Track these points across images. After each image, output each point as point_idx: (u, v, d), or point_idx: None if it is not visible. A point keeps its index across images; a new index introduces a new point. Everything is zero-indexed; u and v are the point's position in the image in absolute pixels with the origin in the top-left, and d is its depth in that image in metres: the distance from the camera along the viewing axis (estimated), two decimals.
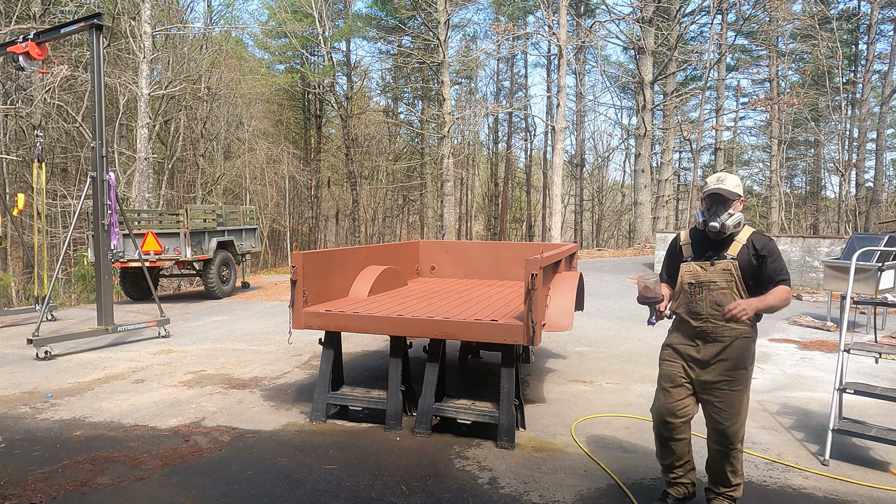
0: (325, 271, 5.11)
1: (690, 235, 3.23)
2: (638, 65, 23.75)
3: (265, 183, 27.68)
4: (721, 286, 3.02)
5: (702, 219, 3.04)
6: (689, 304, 3.11)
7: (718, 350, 3.04)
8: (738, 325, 3.02)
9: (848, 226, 24.86)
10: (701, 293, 3.06)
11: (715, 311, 3.03)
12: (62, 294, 16.43)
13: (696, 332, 3.10)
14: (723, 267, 3.03)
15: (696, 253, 3.15)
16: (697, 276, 3.08)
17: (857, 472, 3.84)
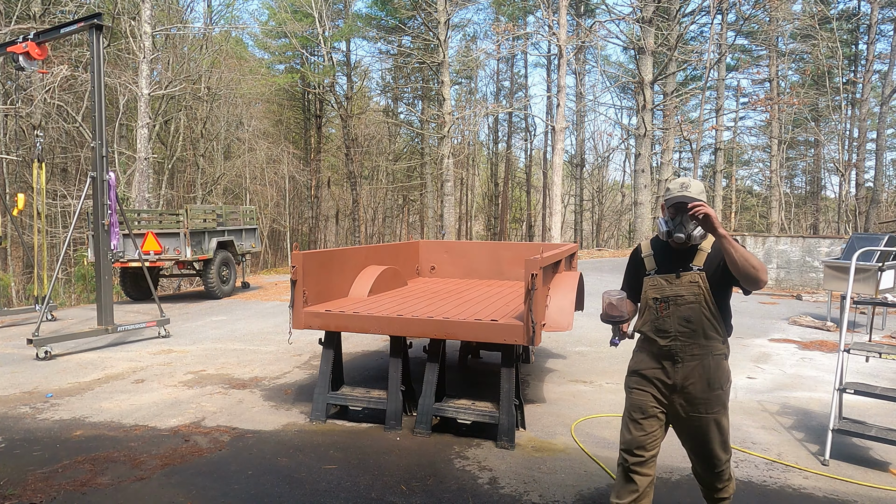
0: (325, 271, 5.11)
1: (652, 246, 2.94)
2: (638, 65, 23.75)
3: (265, 183, 27.69)
4: (689, 300, 2.74)
5: (665, 229, 2.76)
6: (655, 321, 2.82)
7: (689, 371, 2.75)
8: (708, 342, 2.75)
9: (848, 226, 24.86)
10: (667, 309, 2.78)
11: (684, 328, 2.75)
12: (62, 294, 16.43)
13: (664, 351, 2.80)
14: (689, 279, 2.75)
15: (660, 265, 2.86)
16: (662, 290, 2.80)
17: (857, 472, 3.84)
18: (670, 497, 3.50)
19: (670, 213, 2.79)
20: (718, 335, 2.77)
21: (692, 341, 2.75)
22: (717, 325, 2.75)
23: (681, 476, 3.78)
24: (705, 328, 2.73)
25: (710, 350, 2.75)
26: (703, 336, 2.74)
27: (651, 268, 2.89)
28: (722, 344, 2.80)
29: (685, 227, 2.73)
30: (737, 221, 31.55)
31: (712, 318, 2.73)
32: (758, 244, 14.44)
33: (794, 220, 32.11)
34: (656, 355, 2.84)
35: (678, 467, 3.90)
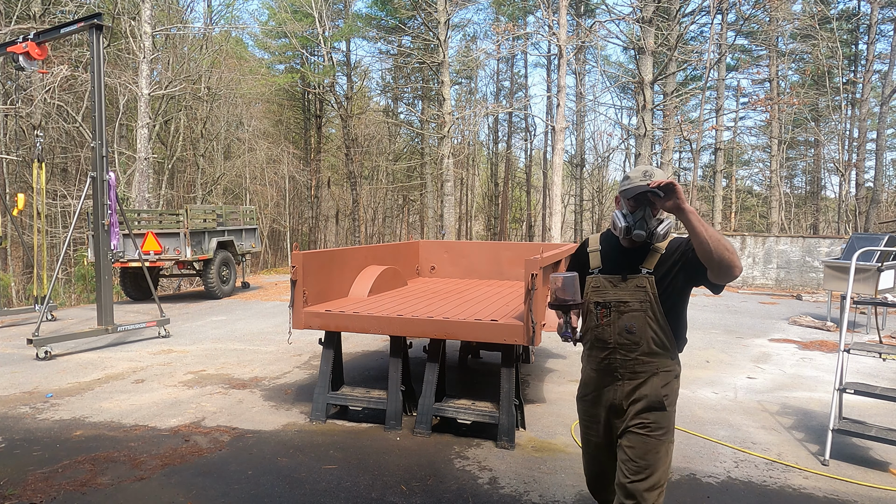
0: (325, 271, 5.11)
1: (601, 241, 2.56)
2: (638, 65, 23.74)
3: (265, 183, 27.68)
4: (633, 307, 2.35)
5: (624, 224, 2.35)
6: (595, 328, 2.46)
7: (632, 389, 2.41)
8: (653, 358, 2.38)
9: (848, 226, 24.86)
10: (608, 316, 2.41)
11: (625, 340, 2.38)
12: (62, 294, 16.43)
13: (603, 366, 2.47)
14: (636, 283, 2.36)
15: (606, 264, 2.48)
16: (605, 293, 2.43)
17: (857, 472, 3.84)
18: (670, 497, 3.50)
19: (630, 205, 2.38)
20: (666, 350, 2.39)
21: (634, 356, 2.39)
22: (664, 338, 2.37)
23: (681, 476, 3.78)
24: (650, 341, 2.36)
25: (656, 367, 2.39)
26: (648, 350, 2.37)
27: (595, 266, 2.51)
28: (671, 360, 2.42)
29: (647, 223, 2.33)
30: (737, 221, 31.55)
31: (659, 329, 2.36)
32: (758, 244, 14.44)
33: (794, 220, 32.10)
34: (596, 370, 2.51)
35: (678, 467, 3.90)
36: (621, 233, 2.36)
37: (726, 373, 6.31)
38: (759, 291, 13.09)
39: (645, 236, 2.32)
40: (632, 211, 2.36)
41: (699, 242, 2.10)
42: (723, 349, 7.42)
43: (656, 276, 2.35)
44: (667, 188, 2.12)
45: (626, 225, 2.35)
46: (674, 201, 2.13)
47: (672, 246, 2.38)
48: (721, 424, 4.73)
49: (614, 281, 2.42)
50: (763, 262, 14.23)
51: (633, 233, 2.33)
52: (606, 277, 2.44)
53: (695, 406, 5.19)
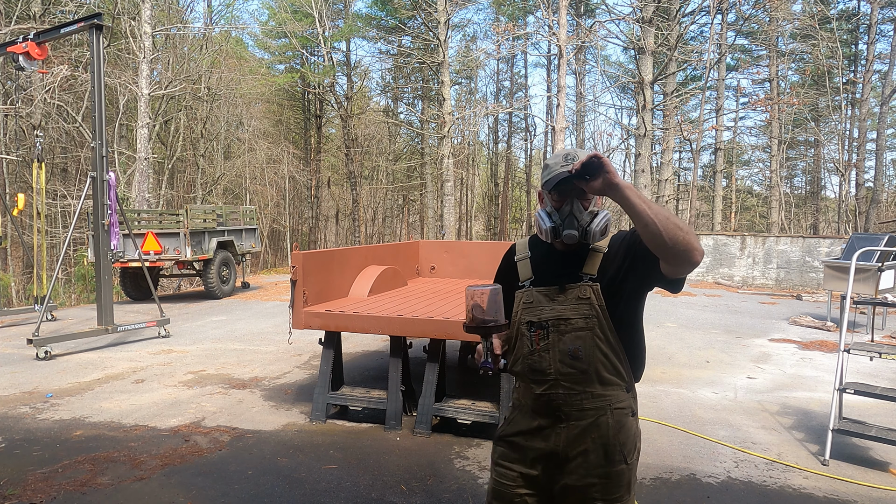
0: (325, 271, 5.11)
1: (530, 246, 2.05)
2: (638, 65, 23.74)
3: (265, 183, 27.69)
4: (576, 326, 1.84)
5: (549, 224, 1.85)
6: (530, 356, 1.91)
7: (578, 434, 1.85)
8: (605, 390, 1.85)
9: (848, 226, 24.86)
10: (546, 339, 1.88)
11: (569, 369, 1.85)
12: (62, 294, 16.43)
13: (541, 403, 1.89)
14: (578, 294, 1.86)
15: (539, 273, 1.96)
16: (539, 310, 1.89)
17: (857, 472, 3.84)
18: (671, 497, 3.50)
19: (554, 200, 1.88)
20: (620, 379, 1.87)
21: (581, 388, 1.85)
22: (617, 363, 1.85)
23: (681, 476, 3.78)
24: (600, 368, 1.84)
25: (608, 402, 1.85)
26: (598, 380, 1.84)
27: (526, 277, 1.97)
28: (626, 392, 1.89)
29: (577, 219, 1.84)
30: (737, 221, 31.55)
31: (610, 352, 1.84)
32: (758, 244, 14.44)
33: (794, 220, 32.10)
34: (531, 410, 1.93)
35: (678, 467, 3.90)
36: (547, 236, 1.86)
37: (726, 373, 6.32)
38: (759, 291, 13.09)
39: (578, 236, 1.83)
40: (557, 207, 1.87)
41: (644, 224, 1.61)
42: (723, 349, 7.42)
43: (602, 283, 1.85)
44: (590, 164, 1.63)
45: (551, 226, 1.85)
46: (603, 178, 1.63)
47: (615, 242, 1.92)
48: (721, 424, 4.73)
49: (550, 294, 1.90)
50: (763, 262, 14.23)
51: (562, 234, 1.84)
52: (541, 290, 1.91)
53: (695, 406, 5.19)
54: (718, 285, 13.94)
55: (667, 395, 5.48)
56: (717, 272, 14.77)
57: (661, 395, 5.50)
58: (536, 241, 2.04)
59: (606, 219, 1.86)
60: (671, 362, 6.74)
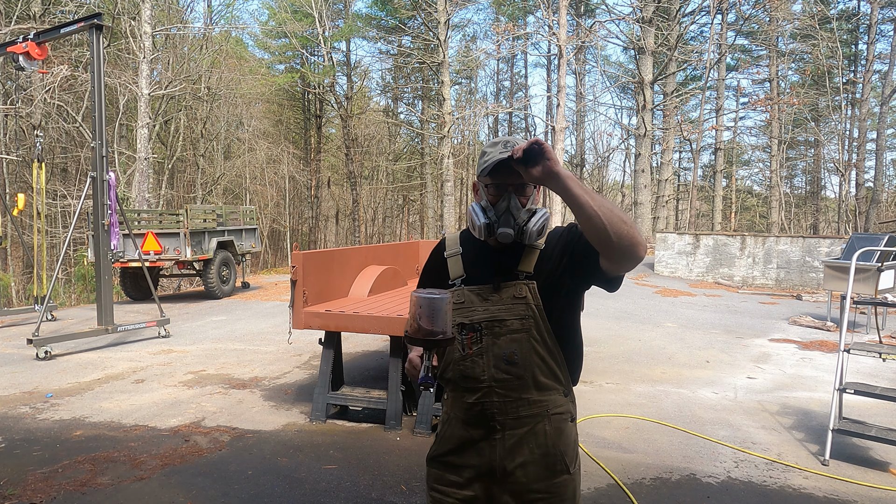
0: (325, 271, 5.11)
1: (462, 241, 1.89)
2: (638, 65, 23.75)
3: (265, 183, 27.69)
4: (512, 328, 1.72)
5: (483, 221, 1.71)
6: (461, 362, 1.78)
7: (515, 445, 1.73)
8: (542, 395, 1.73)
9: (848, 226, 24.87)
10: (478, 342, 1.74)
11: (504, 375, 1.72)
12: (62, 294, 16.43)
13: (474, 414, 1.76)
14: (513, 294, 1.72)
15: (471, 271, 1.82)
16: (471, 311, 1.76)
17: (857, 472, 3.84)
18: (671, 497, 3.50)
19: (490, 194, 1.73)
20: (558, 383, 1.75)
21: (517, 395, 1.72)
22: (555, 365, 1.73)
23: (681, 476, 3.78)
24: (537, 373, 1.71)
25: (545, 408, 1.73)
26: (534, 385, 1.72)
27: (457, 275, 1.82)
28: (564, 396, 1.77)
29: (514, 216, 1.70)
30: (737, 221, 31.56)
31: (548, 355, 1.72)
32: (758, 244, 14.44)
33: (794, 220, 32.11)
34: (462, 421, 1.79)
35: (678, 467, 3.90)
36: (481, 233, 1.73)
37: (726, 373, 6.32)
38: (759, 291, 13.09)
39: (514, 235, 1.70)
40: (493, 202, 1.72)
41: (587, 217, 1.49)
42: (723, 349, 7.42)
43: (538, 281, 1.72)
44: (531, 151, 1.48)
45: (486, 222, 1.71)
46: (543, 166, 1.48)
47: (553, 238, 1.78)
48: (721, 424, 4.73)
49: (484, 293, 1.75)
50: (763, 262, 14.24)
51: (496, 232, 1.70)
52: (473, 290, 1.77)
53: (695, 406, 5.19)
54: (718, 285, 13.95)
55: (667, 395, 5.48)
56: (717, 272, 14.78)
57: (661, 395, 5.50)
58: (468, 236, 1.88)
59: (545, 218, 1.73)
60: (671, 362, 6.75)
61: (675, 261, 15.39)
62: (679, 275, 15.23)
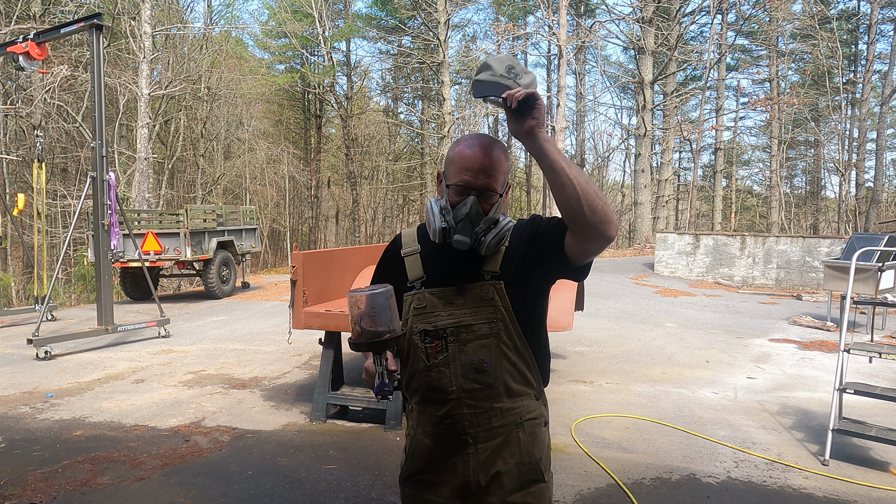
0: (325, 271, 5.11)
1: (420, 237, 1.74)
2: (638, 65, 23.76)
3: (265, 183, 27.70)
4: (479, 333, 1.60)
5: (440, 225, 1.59)
6: (427, 373, 1.66)
7: (489, 456, 1.62)
8: (514, 402, 1.62)
9: (848, 226, 24.87)
10: (444, 351, 1.62)
11: (474, 384, 1.60)
12: (62, 294, 16.43)
13: (443, 428, 1.65)
14: (480, 295, 1.61)
15: (431, 271, 1.67)
16: (435, 316, 1.63)
17: (857, 472, 3.84)
18: (671, 497, 3.50)
19: (451, 194, 1.60)
20: (530, 387, 1.65)
21: (488, 405, 1.61)
22: (526, 369, 1.63)
23: (681, 476, 3.78)
24: (508, 379, 1.61)
25: (518, 415, 1.63)
26: (506, 392, 1.61)
27: (416, 276, 1.68)
28: (535, 400, 1.67)
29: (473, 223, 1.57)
30: (737, 221, 31.56)
31: (519, 360, 1.62)
32: (758, 244, 14.45)
33: (794, 220, 32.11)
34: (433, 436, 1.68)
35: (678, 467, 3.90)
36: (436, 235, 1.60)
37: (726, 373, 6.32)
38: (759, 291, 13.10)
39: (469, 244, 1.57)
40: (453, 203, 1.59)
41: (561, 186, 1.41)
42: (723, 349, 7.42)
43: (505, 280, 1.60)
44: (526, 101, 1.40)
45: (441, 226, 1.58)
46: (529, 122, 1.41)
47: (516, 233, 1.65)
48: (721, 424, 4.73)
49: (447, 296, 1.62)
50: (763, 262, 14.24)
51: (452, 238, 1.58)
52: (434, 292, 1.63)
53: (695, 406, 5.19)
54: (718, 285, 13.95)
55: (667, 395, 5.48)
56: (717, 272, 14.78)
57: (661, 395, 5.50)
58: (426, 235, 1.71)
59: (506, 229, 1.61)
60: (671, 362, 6.75)
61: (675, 261, 15.39)
62: (679, 275, 15.23)
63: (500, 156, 1.58)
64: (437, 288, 1.64)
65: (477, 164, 1.56)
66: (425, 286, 1.65)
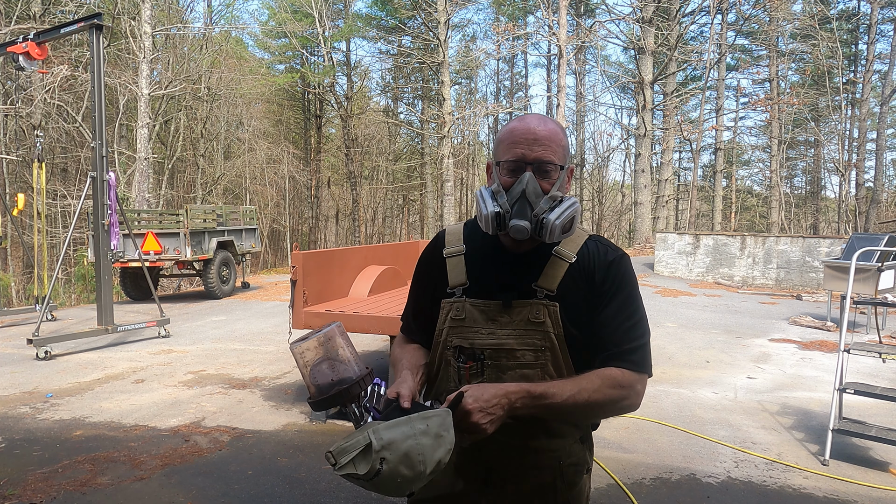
0: (325, 271, 5.11)
1: (466, 237, 1.49)
2: (638, 65, 23.75)
3: (265, 183, 27.70)
4: (524, 362, 1.36)
5: (492, 209, 1.33)
6: None
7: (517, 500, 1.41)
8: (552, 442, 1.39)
9: (848, 226, 24.87)
10: (480, 373, 1.39)
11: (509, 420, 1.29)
12: (62, 294, 16.43)
13: (467, 461, 1.41)
14: (528, 316, 1.36)
15: (475, 278, 1.43)
16: (474, 332, 1.39)
17: (857, 472, 3.84)
18: (671, 497, 3.50)
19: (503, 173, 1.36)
20: (576, 428, 1.43)
21: (521, 442, 1.38)
22: None
23: (681, 476, 3.78)
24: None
25: (556, 459, 1.40)
26: (544, 431, 1.37)
27: (458, 282, 1.44)
28: (580, 443, 1.44)
29: (531, 203, 1.31)
30: (737, 221, 31.56)
31: None
32: (758, 244, 14.45)
33: (794, 220, 32.11)
34: (454, 465, 1.37)
35: (678, 467, 3.90)
36: (489, 225, 1.34)
37: (726, 373, 6.32)
38: (759, 291, 13.09)
39: (530, 230, 1.31)
40: (507, 185, 1.34)
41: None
42: (723, 349, 7.42)
43: (562, 304, 1.35)
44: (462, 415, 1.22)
45: (494, 211, 1.33)
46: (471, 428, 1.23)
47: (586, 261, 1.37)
48: (721, 424, 4.73)
49: (490, 311, 1.38)
50: (763, 262, 14.24)
51: (509, 223, 1.31)
52: (477, 304, 1.40)
53: (695, 406, 5.19)
54: (718, 285, 13.95)
55: (667, 395, 5.48)
56: (717, 272, 14.78)
57: (661, 395, 5.50)
58: (475, 230, 1.46)
59: (573, 208, 1.33)
60: (671, 362, 6.75)
61: (675, 261, 15.39)
62: (679, 275, 15.23)
63: (556, 128, 1.37)
64: (479, 299, 1.39)
65: (531, 134, 1.32)
66: (466, 295, 1.41)
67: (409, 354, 1.51)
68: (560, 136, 1.36)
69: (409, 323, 1.58)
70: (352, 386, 1.23)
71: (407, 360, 1.48)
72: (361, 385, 1.25)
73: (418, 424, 1.14)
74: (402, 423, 1.14)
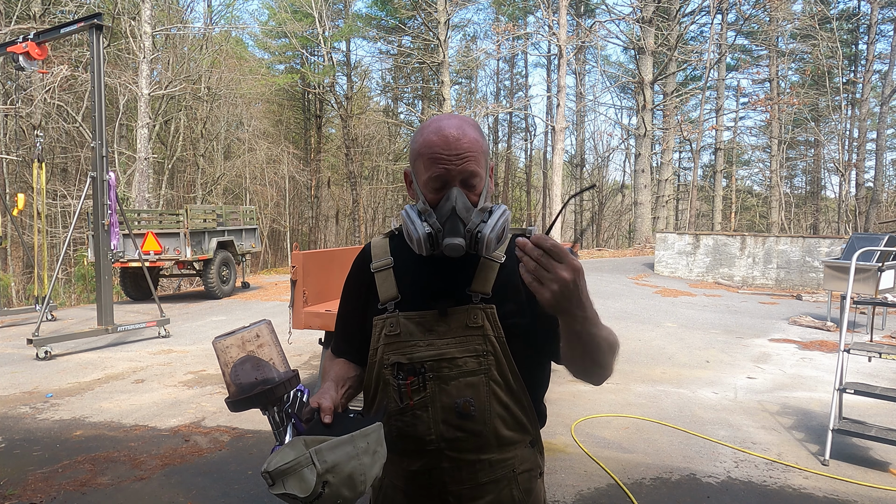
0: (325, 271, 5.11)
1: (392, 248, 1.42)
2: (638, 65, 23.76)
3: (265, 183, 27.69)
4: (466, 369, 1.28)
5: (423, 231, 1.25)
6: (401, 417, 1.33)
7: None
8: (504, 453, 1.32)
9: (848, 226, 24.87)
10: (422, 389, 1.30)
11: (458, 433, 1.29)
12: (62, 294, 16.43)
13: (419, 487, 1.34)
14: (466, 321, 1.29)
15: (407, 291, 1.35)
16: (412, 346, 1.31)
17: (857, 472, 3.84)
18: (671, 497, 3.50)
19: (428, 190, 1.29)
20: (525, 433, 1.34)
21: (474, 457, 1.30)
22: (521, 413, 1.32)
23: (681, 476, 3.78)
24: (499, 425, 1.29)
25: (510, 468, 1.33)
26: (496, 441, 1.30)
27: (388, 297, 1.35)
28: (531, 447, 1.37)
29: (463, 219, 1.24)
30: (737, 221, 31.56)
31: (513, 401, 1.30)
32: (758, 244, 14.45)
33: (794, 220, 32.11)
34: (405, 493, 1.37)
35: (678, 467, 3.90)
36: (421, 247, 1.26)
37: (726, 373, 6.32)
38: (759, 291, 13.09)
39: (465, 247, 1.24)
40: (433, 202, 1.27)
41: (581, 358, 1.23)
42: (723, 349, 7.42)
43: (499, 305, 1.29)
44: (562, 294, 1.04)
45: (427, 232, 1.25)
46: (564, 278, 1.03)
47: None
48: (721, 424, 4.73)
49: (426, 322, 1.30)
50: (763, 262, 14.24)
51: (442, 244, 1.24)
52: (411, 317, 1.31)
53: (695, 406, 5.19)
54: (718, 285, 13.95)
55: (667, 395, 5.48)
56: (717, 272, 14.78)
57: (661, 395, 5.51)
58: (401, 242, 1.39)
59: (504, 218, 1.27)
60: (671, 362, 6.75)
61: (675, 261, 15.38)
62: (679, 275, 15.23)
63: (475, 133, 1.28)
64: (414, 311, 1.31)
65: (452, 148, 1.24)
66: (399, 309, 1.32)
67: (337, 367, 1.46)
68: (480, 141, 1.28)
69: (339, 344, 1.50)
70: (276, 387, 1.15)
71: (334, 372, 1.44)
72: (286, 387, 1.17)
73: (360, 443, 1.10)
74: (345, 443, 1.09)
